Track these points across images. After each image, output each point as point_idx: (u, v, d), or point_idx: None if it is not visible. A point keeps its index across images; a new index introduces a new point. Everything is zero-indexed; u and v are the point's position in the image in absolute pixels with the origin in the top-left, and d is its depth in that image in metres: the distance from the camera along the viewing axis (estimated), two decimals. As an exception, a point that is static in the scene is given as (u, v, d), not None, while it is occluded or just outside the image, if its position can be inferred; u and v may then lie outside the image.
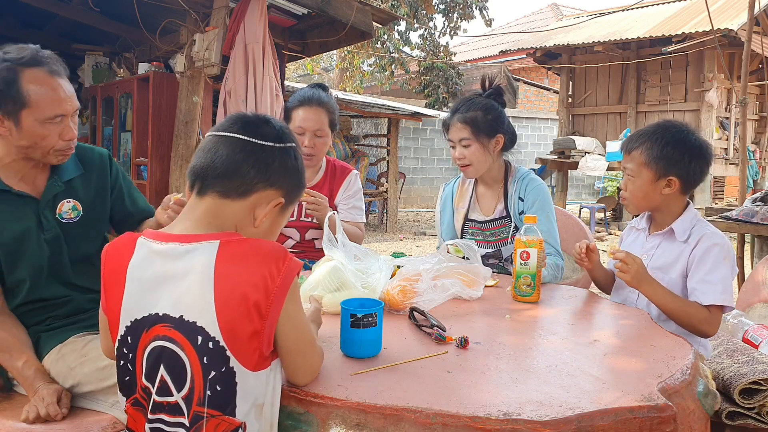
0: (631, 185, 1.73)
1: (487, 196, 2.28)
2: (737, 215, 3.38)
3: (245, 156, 1.05)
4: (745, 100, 4.32)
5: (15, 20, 5.96)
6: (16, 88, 1.41)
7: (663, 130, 1.70)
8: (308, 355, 1.06)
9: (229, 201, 1.05)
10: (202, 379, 0.97)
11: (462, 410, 0.97)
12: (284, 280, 0.98)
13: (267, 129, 1.08)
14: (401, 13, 12.01)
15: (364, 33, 5.32)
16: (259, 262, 0.98)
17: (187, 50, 4.64)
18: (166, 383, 1.00)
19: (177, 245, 1.01)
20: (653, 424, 1.00)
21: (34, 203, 1.56)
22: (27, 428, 1.35)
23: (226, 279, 0.97)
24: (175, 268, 1.00)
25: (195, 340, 0.97)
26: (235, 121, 1.09)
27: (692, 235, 1.70)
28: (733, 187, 11.14)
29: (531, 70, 16.20)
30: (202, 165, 1.06)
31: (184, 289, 0.99)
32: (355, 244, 1.75)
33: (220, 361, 0.97)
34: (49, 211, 1.57)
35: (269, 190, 1.07)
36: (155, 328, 1.00)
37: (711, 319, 1.61)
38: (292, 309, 1.01)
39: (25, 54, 1.44)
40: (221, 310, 0.96)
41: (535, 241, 1.69)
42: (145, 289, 1.02)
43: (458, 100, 2.26)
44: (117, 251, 1.08)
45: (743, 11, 6.55)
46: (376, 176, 9.67)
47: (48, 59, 1.48)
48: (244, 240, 1.03)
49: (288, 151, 1.10)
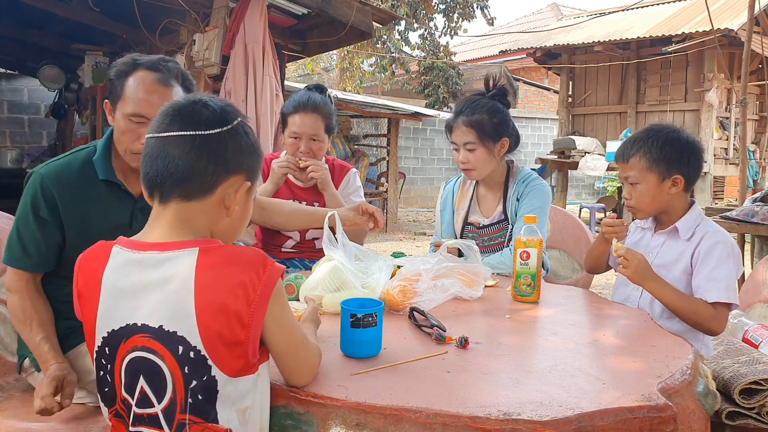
0: (636, 192, 1.73)
1: (488, 197, 2.26)
2: (737, 215, 3.38)
3: (197, 153, 0.99)
4: (745, 100, 4.31)
5: (15, 20, 5.96)
6: (122, 82, 1.51)
7: (656, 132, 1.72)
8: (301, 356, 1.04)
9: (194, 202, 1.01)
10: (183, 389, 0.95)
11: (462, 410, 0.97)
12: (265, 288, 0.96)
13: (208, 114, 1.02)
14: (401, 13, 12.00)
15: (364, 33, 5.32)
16: (240, 270, 0.95)
17: (187, 50, 4.65)
18: (146, 394, 0.98)
19: (155, 254, 0.98)
20: (653, 424, 1.00)
21: (133, 202, 1.59)
22: (27, 428, 1.35)
23: (206, 288, 0.94)
24: (153, 277, 0.97)
25: (176, 350, 0.95)
26: (172, 116, 1.02)
27: (696, 233, 1.71)
28: (733, 187, 11.13)
29: (531, 70, 16.20)
30: (156, 173, 1.00)
31: (164, 298, 0.96)
32: (356, 244, 1.75)
33: (201, 370, 0.95)
34: (141, 212, 1.59)
35: (232, 177, 1.03)
36: (133, 339, 0.98)
37: (717, 317, 1.61)
38: (277, 313, 0.99)
39: (147, 58, 1.54)
40: (202, 319, 0.94)
41: (535, 241, 1.68)
42: (122, 299, 0.99)
43: (461, 100, 2.20)
44: (91, 260, 1.04)
45: (743, 11, 6.55)
46: (376, 176, 9.66)
47: (165, 68, 1.53)
48: (223, 247, 0.99)
49: (237, 130, 1.04)
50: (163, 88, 1.50)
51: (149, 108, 1.48)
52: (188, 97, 1.06)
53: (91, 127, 6.66)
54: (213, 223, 1.04)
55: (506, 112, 2.16)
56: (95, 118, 6.53)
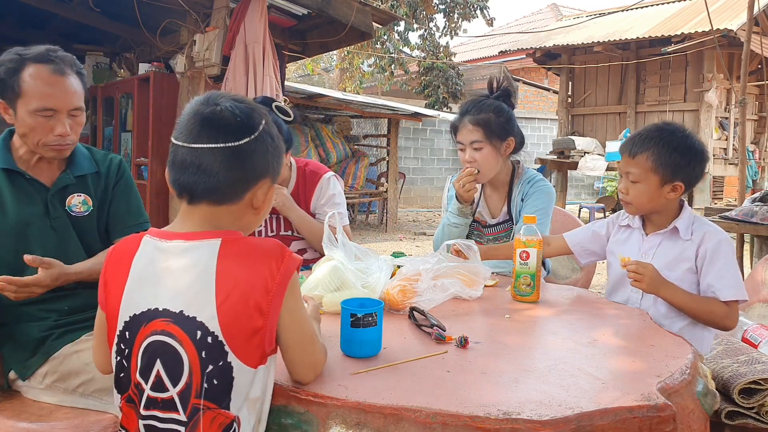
0: (635, 190, 1.72)
1: (494, 198, 2.26)
2: (737, 215, 3.39)
3: (228, 164, 1.02)
4: (745, 101, 4.32)
5: (15, 20, 5.96)
6: (15, 79, 1.49)
7: (669, 135, 1.69)
8: (308, 351, 1.06)
9: (224, 206, 1.05)
10: (200, 373, 0.98)
11: (462, 410, 0.97)
12: (283, 277, 1.00)
13: (236, 123, 1.03)
14: (401, 13, 12.01)
15: (364, 33, 5.33)
16: (259, 260, 0.99)
17: (188, 50, 4.65)
18: (161, 379, 1.00)
19: (180, 242, 1.02)
20: (653, 423, 1.00)
21: (44, 190, 1.60)
22: (27, 428, 1.35)
23: (227, 277, 0.98)
24: (177, 264, 1.01)
25: (194, 334, 0.98)
26: (201, 125, 1.03)
27: (694, 231, 1.72)
28: (732, 187, 11.13)
29: (531, 71, 16.21)
30: (187, 181, 1.03)
31: (186, 284, 0.99)
32: (355, 244, 1.75)
33: (218, 356, 0.97)
34: (57, 200, 1.61)
35: (260, 182, 1.07)
36: (154, 323, 1.00)
37: (731, 314, 1.65)
38: (292, 303, 1.02)
39: (33, 51, 1.52)
40: (222, 306, 0.97)
41: (535, 241, 1.69)
42: (146, 285, 1.02)
43: (467, 101, 2.19)
44: (122, 249, 1.09)
45: (743, 11, 6.55)
46: (376, 176, 9.67)
47: (57, 58, 1.52)
48: (245, 239, 1.04)
49: (263, 137, 1.06)
50: (61, 78, 1.51)
51: (55, 100, 1.50)
52: (212, 100, 1.05)
53: (92, 127, 6.66)
54: (239, 222, 1.08)
55: (511, 112, 2.16)
56: (96, 119, 6.53)
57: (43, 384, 1.49)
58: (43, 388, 1.49)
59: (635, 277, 1.64)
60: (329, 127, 8.52)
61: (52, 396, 1.49)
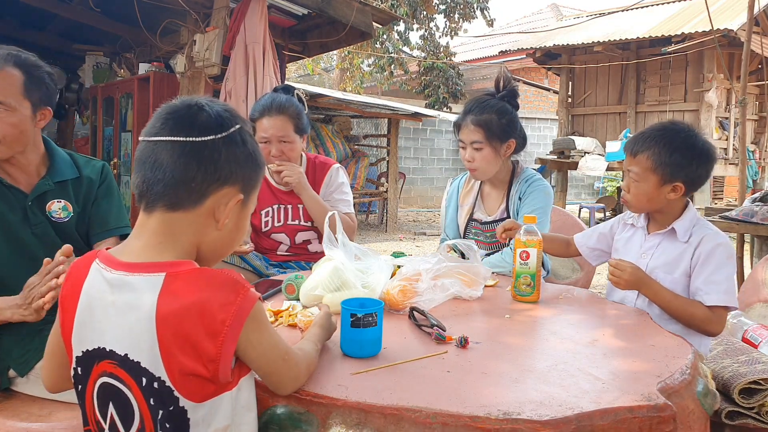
0: (635, 188, 1.72)
1: (492, 196, 2.28)
2: (737, 215, 3.38)
3: (187, 160, 0.92)
4: (745, 101, 4.32)
5: (15, 20, 5.96)
6: None
7: (671, 134, 1.67)
8: (282, 372, 0.99)
9: (180, 213, 0.95)
10: (151, 419, 0.91)
11: (462, 410, 0.97)
12: (235, 319, 0.89)
13: (203, 118, 0.95)
14: (401, 13, 12.01)
15: (364, 33, 5.33)
16: (207, 299, 0.89)
17: (188, 50, 4.65)
18: (115, 423, 0.94)
19: (122, 275, 0.93)
20: (653, 423, 1.00)
21: (23, 197, 1.59)
22: (27, 428, 1.35)
23: (169, 319, 0.88)
24: (120, 300, 0.92)
25: (140, 381, 0.90)
26: (165, 119, 0.95)
27: (693, 234, 1.70)
28: (732, 187, 11.14)
29: (531, 71, 16.19)
30: (143, 178, 0.94)
31: (128, 326, 0.91)
32: (355, 244, 1.75)
33: (167, 401, 0.90)
34: (36, 206, 1.60)
35: (224, 188, 0.97)
36: (103, 364, 0.94)
37: (714, 319, 1.61)
38: (255, 339, 0.94)
39: None
40: (165, 351, 0.88)
41: (535, 241, 1.69)
42: (95, 319, 0.94)
43: (471, 100, 2.21)
44: (78, 268, 1.00)
45: (743, 11, 6.55)
46: (376, 176, 9.67)
47: None
48: (193, 272, 0.92)
49: (233, 138, 0.97)
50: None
51: None
52: (185, 100, 0.99)
53: (92, 127, 6.67)
54: (200, 236, 0.98)
55: (515, 113, 2.17)
56: (96, 119, 6.54)
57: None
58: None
59: (612, 276, 1.65)
60: (329, 127, 8.52)
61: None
